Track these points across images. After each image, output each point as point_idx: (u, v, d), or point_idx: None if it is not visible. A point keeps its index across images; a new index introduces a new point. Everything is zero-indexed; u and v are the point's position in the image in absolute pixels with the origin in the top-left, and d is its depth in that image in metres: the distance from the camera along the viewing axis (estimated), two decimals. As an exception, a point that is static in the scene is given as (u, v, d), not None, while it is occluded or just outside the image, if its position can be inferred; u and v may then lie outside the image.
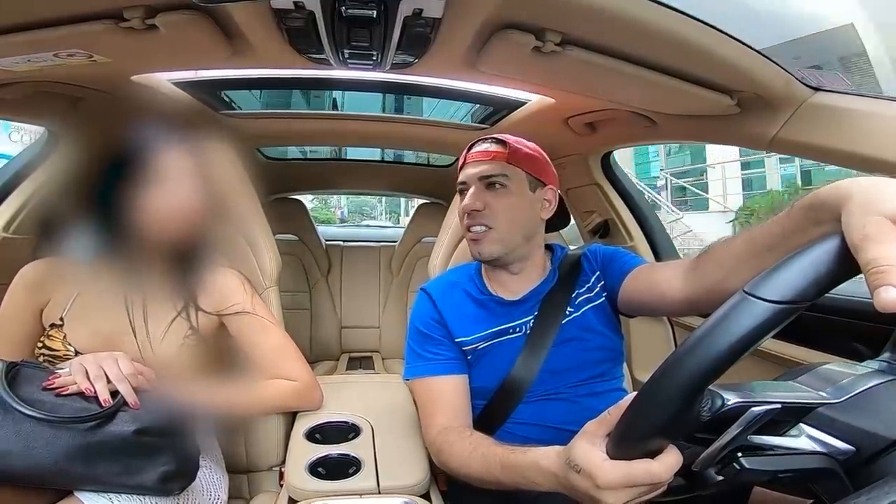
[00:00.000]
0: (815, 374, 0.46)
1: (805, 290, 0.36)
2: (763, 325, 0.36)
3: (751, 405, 0.40)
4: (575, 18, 0.69)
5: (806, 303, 0.36)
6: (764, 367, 1.00)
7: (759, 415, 0.40)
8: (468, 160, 0.94)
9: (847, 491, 0.40)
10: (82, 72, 0.85)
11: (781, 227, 0.55)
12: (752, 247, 0.60)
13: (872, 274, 0.34)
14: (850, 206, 0.40)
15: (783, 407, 0.41)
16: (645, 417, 0.44)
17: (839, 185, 0.44)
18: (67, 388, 0.71)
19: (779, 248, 0.54)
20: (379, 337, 2.35)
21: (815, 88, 0.85)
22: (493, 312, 0.92)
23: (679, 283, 0.75)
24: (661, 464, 0.46)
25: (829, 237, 0.39)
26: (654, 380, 0.42)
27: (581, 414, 0.85)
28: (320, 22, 0.67)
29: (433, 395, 0.88)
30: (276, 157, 2.20)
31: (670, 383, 0.40)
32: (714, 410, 0.41)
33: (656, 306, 0.83)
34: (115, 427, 0.71)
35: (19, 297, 0.85)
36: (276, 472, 1.04)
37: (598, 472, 0.48)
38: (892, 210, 0.37)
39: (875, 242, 0.35)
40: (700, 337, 0.39)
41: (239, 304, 0.92)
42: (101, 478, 0.70)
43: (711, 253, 0.69)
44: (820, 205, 0.47)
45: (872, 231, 0.36)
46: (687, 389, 0.40)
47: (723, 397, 0.41)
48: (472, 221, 0.90)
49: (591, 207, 1.57)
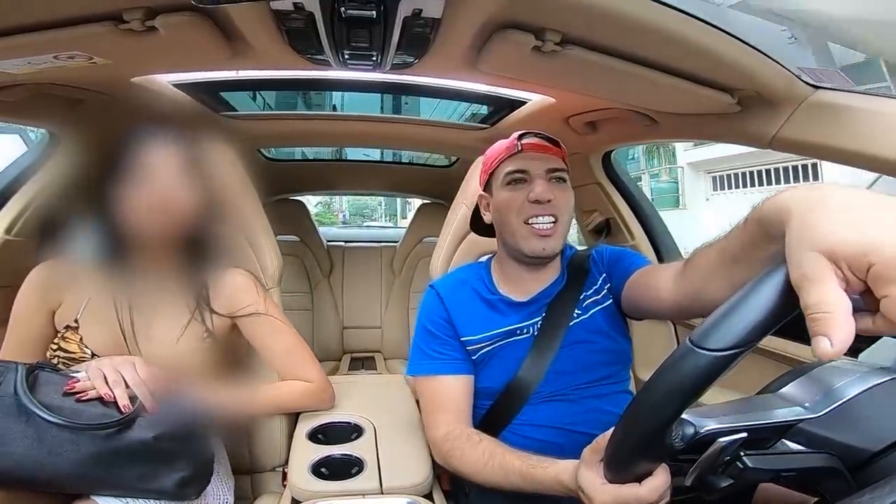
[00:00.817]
0: (807, 378, 0.48)
1: (749, 335, 0.37)
2: (709, 372, 0.39)
3: (718, 435, 0.43)
4: (575, 18, 0.69)
5: (752, 345, 0.38)
6: (766, 365, 1.00)
7: (727, 444, 0.43)
8: (526, 149, 0.88)
9: (851, 489, 0.40)
10: (82, 74, 0.85)
11: (740, 240, 0.53)
12: (722, 257, 0.58)
13: (811, 320, 0.33)
14: (790, 231, 0.37)
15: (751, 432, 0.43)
16: (623, 447, 0.50)
17: (781, 198, 0.41)
18: (87, 393, 0.72)
19: (743, 259, 0.53)
20: (381, 337, 2.36)
21: (816, 86, 0.84)
22: (502, 313, 0.91)
23: (670, 286, 0.74)
24: (646, 488, 0.52)
25: (774, 271, 0.38)
26: (626, 415, 0.47)
27: (586, 416, 0.86)
28: (320, 23, 0.67)
29: (437, 394, 0.88)
30: (277, 158, 2.21)
31: (639, 420, 0.45)
32: (686, 439, 0.45)
33: (653, 309, 0.82)
34: (134, 433, 0.71)
35: (31, 299, 0.84)
36: (279, 473, 1.04)
37: (594, 494, 0.56)
38: (828, 246, 0.34)
39: (813, 284, 0.33)
40: (653, 381, 0.43)
41: (252, 305, 0.92)
42: (120, 483, 0.71)
43: (693, 259, 0.68)
44: (766, 220, 0.44)
45: (809, 270, 0.34)
46: (653, 426, 0.44)
47: (694, 426, 0.45)
48: (543, 211, 0.85)
49: (593, 207, 1.57)
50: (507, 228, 0.89)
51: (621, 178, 1.53)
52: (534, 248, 0.86)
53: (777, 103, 0.86)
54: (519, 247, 0.87)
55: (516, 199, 0.86)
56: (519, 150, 0.88)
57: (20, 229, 1.12)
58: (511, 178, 0.88)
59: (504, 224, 0.89)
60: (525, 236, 0.86)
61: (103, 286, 0.84)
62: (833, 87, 0.84)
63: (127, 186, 0.76)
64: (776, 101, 0.86)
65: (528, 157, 0.88)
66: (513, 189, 0.88)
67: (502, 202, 0.89)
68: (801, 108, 0.85)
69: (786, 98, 0.85)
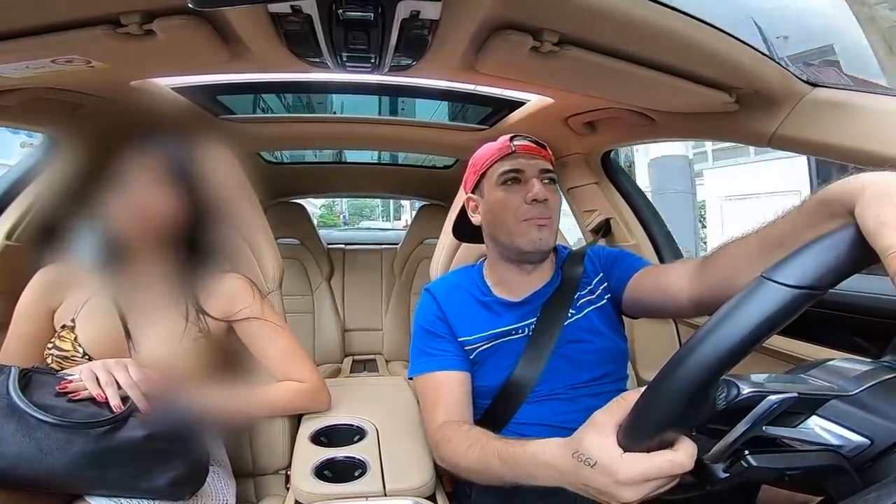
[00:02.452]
0: (824, 368, 0.46)
1: (823, 276, 0.37)
2: (782, 309, 0.36)
3: (767, 394, 0.40)
4: (572, 18, 0.69)
5: (824, 290, 0.37)
6: (769, 364, 1.00)
7: (775, 404, 0.39)
8: (520, 150, 0.89)
9: (857, 487, 0.40)
10: (81, 78, 0.85)
11: (792, 222, 0.55)
12: (762, 244, 0.60)
13: (892, 258, 0.35)
14: (864, 198, 0.41)
15: (799, 397, 0.40)
16: (659, 407, 0.42)
17: (851, 180, 0.44)
18: (79, 392, 0.72)
19: (788, 244, 0.53)
20: (382, 339, 2.35)
21: (814, 84, 0.85)
22: (496, 313, 0.92)
23: (686, 283, 0.74)
24: (684, 453, 0.43)
25: (844, 227, 0.39)
26: (668, 368, 0.41)
27: (584, 414, 0.84)
28: (318, 25, 0.67)
29: (435, 390, 0.88)
30: (277, 160, 2.20)
31: (686, 371, 0.39)
32: (730, 400, 0.41)
33: (664, 307, 0.82)
34: (126, 432, 0.71)
35: (33, 298, 0.86)
36: (282, 476, 1.04)
37: (619, 466, 0.45)
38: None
39: (892, 229, 0.36)
40: (718, 321, 0.38)
41: (247, 309, 0.92)
42: (112, 482, 0.71)
43: (721, 252, 0.68)
44: (833, 199, 0.47)
45: (890, 219, 0.37)
46: (703, 377, 0.39)
47: (738, 386, 0.41)
48: (540, 212, 0.86)
49: (593, 206, 1.57)
50: (502, 228, 0.89)
51: (621, 177, 1.54)
52: (532, 238, 0.86)
53: (775, 101, 0.87)
54: (516, 244, 0.87)
55: (513, 200, 0.87)
56: (512, 151, 0.89)
57: (21, 234, 1.12)
58: (506, 178, 0.88)
59: (499, 224, 0.90)
60: (523, 232, 0.86)
61: (103, 287, 0.85)
62: (830, 84, 0.84)
63: (110, 192, 0.78)
64: (774, 100, 0.86)
65: (523, 158, 0.89)
66: (508, 189, 0.88)
67: (497, 202, 0.89)
68: (800, 106, 0.85)
69: (784, 96, 0.85)
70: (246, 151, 1.77)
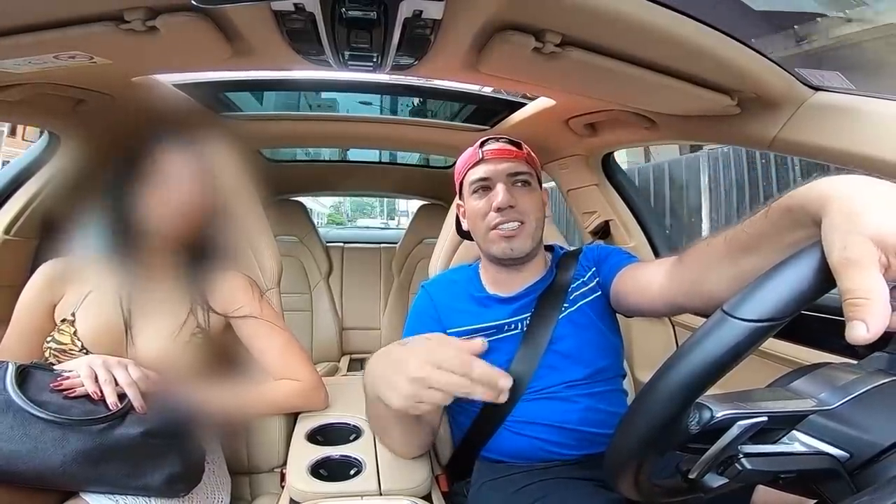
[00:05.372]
0: (814, 376, 0.46)
1: (784, 308, 0.37)
2: (742, 343, 0.37)
3: (737, 418, 0.41)
4: (575, 19, 0.69)
5: (785, 319, 0.37)
6: (766, 367, 1.00)
7: (746, 427, 0.41)
8: (487, 157, 0.91)
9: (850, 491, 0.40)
10: (83, 74, 0.85)
11: (758, 228, 0.52)
12: (730, 247, 0.58)
13: (849, 305, 0.33)
14: (831, 216, 0.37)
15: (771, 418, 0.41)
16: (634, 432, 0.46)
17: (817, 186, 0.41)
18: (75, 390, 0.72)
19: (755, 249, 0.53)
20: (380, 338, 2.35)
21: (816, 88, 0.84)
22: (490, 308, 0.93)
23: (662, 281, 0.75)
24: None
25: (808, 249, 0.38)
26: (641, 396, 0.44)
27: (581, 413, 0.85)
28: (320, 24, 0.67)
29: None
30: (278, 158, 2.20)
31: (657, 399, 0.42)
32: (702, 423, 0.42)
33: (642, 305, 0.82)
34: (122, 429, 0.71)
35: (35, 292, 0.87)
36: (277, 474, 1.04)
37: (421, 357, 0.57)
38: (875, 230, 0.34)
39: (855, 269, 0.33)
40: (682, 355, 0.41)
41: (246, 306, 0.93)
42: (108, 479, 0.71)
43: (692, 252, 0.68)
44: (798, 207, 0.44)
45: (854, 255, 0.34)
46: (673, 405, 0.41)
47: (711, 410, 0.42)
48: (507, 217, 0.88)
49: (592, 208, 1.57)
50: (477, 235, 0.94)
51: (621, 180, 1.53)
52: (502, 249, 0.89)
53: (777, 105, 0.86)
54: (490, 251, 0.91)
55: (483, 207, 0.90)
56: (481, 158, 0.91)
57: (20, 229, 1.12)
58: (477, 186, 0.92)
59: (475, 231, 0.94)
60: (493, 240, 0.90)
61: (105, 281, 0.85)
62: (833, 88, 0.84)
63: (144, 188, 0.81)
64: (776, 103, 0.86)
65: (490, 164, 0.90)
66: (479, 197, 0.91)
67: (472, 210, 0.93)
68: (802, 109, 0.85)
69: (785, 100, 0.85)
70: (247, 149, 1.77)
